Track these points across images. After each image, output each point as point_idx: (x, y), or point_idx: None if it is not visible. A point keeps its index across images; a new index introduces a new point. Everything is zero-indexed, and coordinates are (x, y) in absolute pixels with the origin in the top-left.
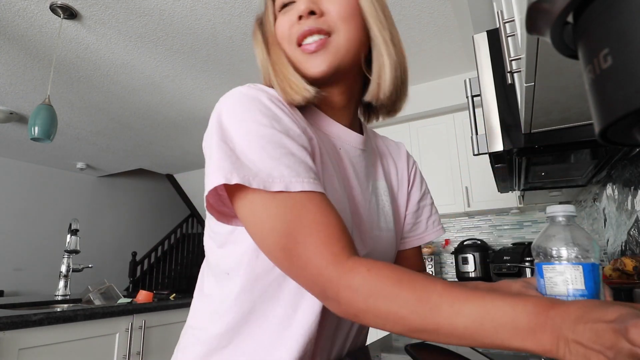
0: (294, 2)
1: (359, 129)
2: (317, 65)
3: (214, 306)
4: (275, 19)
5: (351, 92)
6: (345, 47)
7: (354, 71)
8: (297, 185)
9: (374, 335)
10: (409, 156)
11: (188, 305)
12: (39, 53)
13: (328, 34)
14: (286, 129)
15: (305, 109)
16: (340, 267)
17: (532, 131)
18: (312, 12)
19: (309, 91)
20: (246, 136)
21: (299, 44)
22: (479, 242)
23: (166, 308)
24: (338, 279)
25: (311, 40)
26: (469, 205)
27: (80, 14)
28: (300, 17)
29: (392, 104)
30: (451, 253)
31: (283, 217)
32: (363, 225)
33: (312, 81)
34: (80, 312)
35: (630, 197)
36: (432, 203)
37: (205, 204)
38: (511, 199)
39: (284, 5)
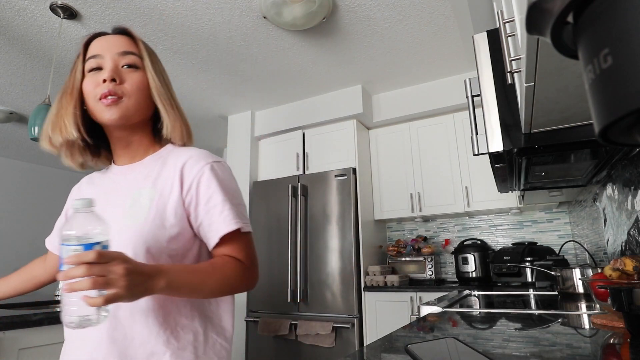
0: (100, 69)
1: (142, 157)
2: (112, 114)
3: None
4: (83, 76)
5: (131, 138)
6: (134, 107)
7: (142, 121)
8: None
9: (373, 335)
10: (194, 167)
11: None
12: (39, 53)
13: (121, 97)
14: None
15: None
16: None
17: (532, 131)
18: (113, 80)
19: (72, 134)
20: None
21: (100, 99)
22: (479, 242)
23: None
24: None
25: (109, 98)
26: (469, 205)
27: (80, 14)
28: (104, 81)
29: (181, 140)
30: (451, 253)
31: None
32: (108, 220)
33: (109, 128)
34: None
35: (630, 197)
36: (223, 201)
37: None
38: (511, 199)
39: (92, 70)
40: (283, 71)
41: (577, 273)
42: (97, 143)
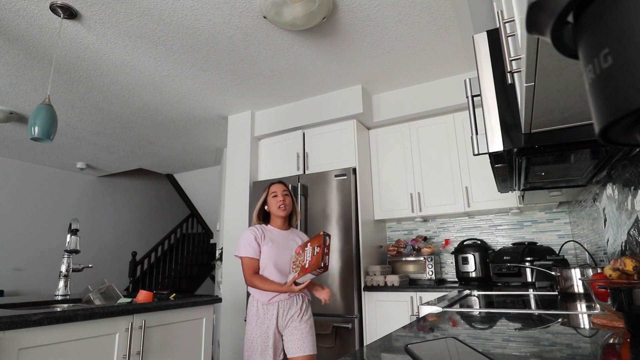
0: (276, 195)
1: (287, 227)
2: (283, 213)
3: None
4: (267, 198)
5: (285, 220)
6: (288, 211)
7: (287, 217)
8: (243, 253)
9: (373, 335)
10: (306, 238)
11: (188, 305)
12: (39, 53)
13: (285, 207)
14: (253, 237)
15: (267, 224)
16: (249, 278)
17: (532, 131)
18: (283, 201)
19: (260, 222)
20: (243, 242)
21: (278, 207)
22: (479, 242)
23: (166, 308)
24: (248, 282)
25: (282, 207)
26: (469, 205)
27: (80, 14)
28: (281, 200)
29: (295, 226)
30: (451, 253)
31: (244, 265)
32: (278, 259)
33: (278, 217)
34: (80, 312)
35: (630, 197)
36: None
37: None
38: (511, 199)
39: (273, 196)
40: (283, 71)
41: (577, 273)
42: (264, 219)
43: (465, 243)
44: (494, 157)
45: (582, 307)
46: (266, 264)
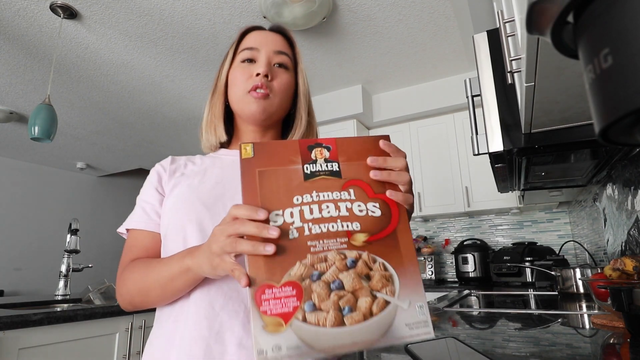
0: (254, 62)
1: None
2: (257, 108)
3: None
4: (231, 66)
5: (265, 131)
6: (277, 106)
7: (277, 121)
8: (129, 225)
9: None
10: None
11: None
12: (39, 53)
13: (268, 94)
14: (149, 185)
15: (224, 148)
16: (118, 277)
17: (532, 131)
18: (266, 75)
19: (221, 137)
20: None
21: (250, 91)
22: (479, 242)
23: None
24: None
25: (259, 91)
26: (469, 205)
27: (80, 14)
28: (258, 74)
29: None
30: (451, 253)
31: (123, 249)
32: (217, 205)
33: (249, 121)
34: (80, 312)
35: (630, 197)
36: None
37: None
38: (511, 199)
39: (245, 60)
40: None
41: (577, 273)
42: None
43: (465, 243)
44: (494, 157)
45: (582, 307)
46: (182, 223)
